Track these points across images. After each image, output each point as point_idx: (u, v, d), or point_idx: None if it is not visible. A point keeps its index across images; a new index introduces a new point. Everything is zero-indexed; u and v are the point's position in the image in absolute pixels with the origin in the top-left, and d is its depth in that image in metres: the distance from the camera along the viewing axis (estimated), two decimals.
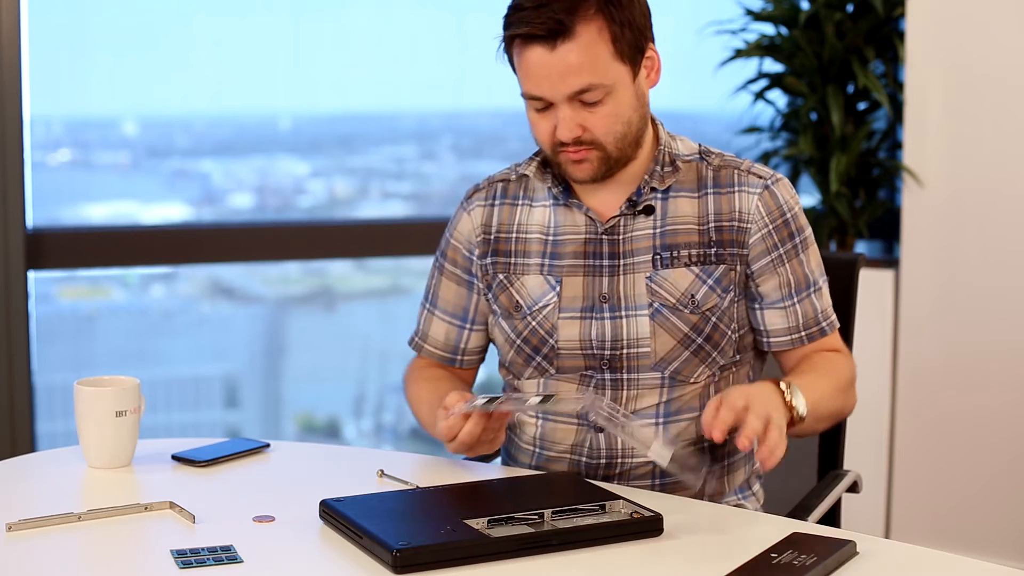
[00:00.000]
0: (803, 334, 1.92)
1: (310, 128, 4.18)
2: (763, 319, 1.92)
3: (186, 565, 1.46)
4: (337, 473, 1.85)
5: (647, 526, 1.57)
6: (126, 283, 4.15)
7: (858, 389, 1.97)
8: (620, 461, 1.91)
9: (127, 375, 1.90)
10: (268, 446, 1.98)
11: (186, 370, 4.18)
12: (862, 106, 3.66)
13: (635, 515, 1.60)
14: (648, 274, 1.89)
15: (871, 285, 2.90)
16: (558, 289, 1.92)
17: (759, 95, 3.72)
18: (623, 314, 1.89)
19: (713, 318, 1.89)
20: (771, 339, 1.93)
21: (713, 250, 1.89)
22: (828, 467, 2.19)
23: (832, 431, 2.18)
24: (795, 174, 3.67)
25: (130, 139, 4.06)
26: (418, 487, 1.72)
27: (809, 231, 1.94)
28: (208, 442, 1.97)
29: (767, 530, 1.59)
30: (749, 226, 1.90)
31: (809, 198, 3.70)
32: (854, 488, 2.10)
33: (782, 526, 1.63)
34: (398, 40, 4.00)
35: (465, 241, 2.01)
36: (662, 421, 1.90)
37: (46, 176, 3.71)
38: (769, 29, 3.71)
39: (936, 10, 3.40)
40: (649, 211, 1.90)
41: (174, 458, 1.90)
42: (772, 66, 3.75)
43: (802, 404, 1.75)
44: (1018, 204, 3.36)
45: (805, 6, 3.62)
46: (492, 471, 1.91)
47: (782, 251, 1.90)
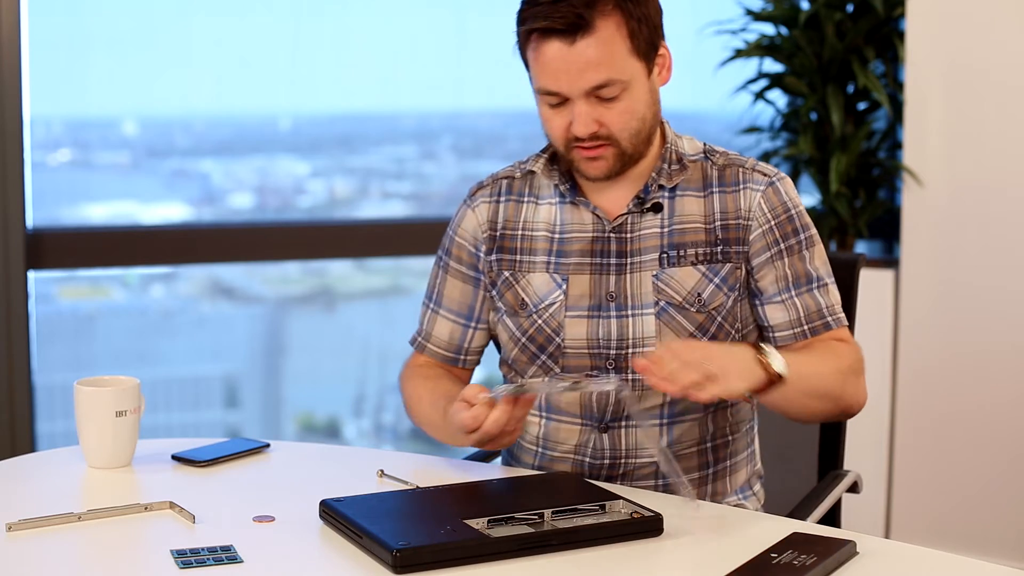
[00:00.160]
0: (806, 327, 1.89)
1: (310, 128, 4.17)
2: (765, 315, 1.91)
3: (186, 565, 1.46)
4: (337, 473, 1.85)
5: (647, 526, 1.57)
6: (126, 283, 4.15)
7: None
8: (623, 461, 1.91)
9: (127, 375, 1.90)
10: (268, 446, 1.98)
11: (186, 370, 4.18)
12: (862, 106, 3.66)
13: (635, 515, 1.60)
14: (655, 272, 1.89)
15: (871, 285, 2.90)
16: (564, 287, 1.91)
17: (759, 95, 3.72)
18: (629, 313, 1.89)
19: (719, 317, 1.89)
20: (776, 334, 1.91)
21: (719, 248, 1.89)
22: (828, 467, 2.19)
23: (832, 431, 2.18)
24: (795, 174, 3.66)
25: (130, 139, 4.06)
26: (418, 487, 1.72)
27: (814, 231, 1.93)
28: (208, 442, 1.97)
29: (767, 530, 1.59)
30: (750, 223, 1.89)
31: (809, 198, 3.69)
32: (854, 488, 2.10)
33: (782, 526, 1.63)
34: (398, 40, 3.99)
35: (471, 237, 2.00)
36: (666, 422, 1.90)
37: (46, 176, 3.71)
38: (769, 29, 3.71)
39: (936, 10, 3.40)
40: (657, 208, 1.90)
41: (174, 458, 1.90)
42: (772, 66, 3.75)
43: (779, 363, 1.70)
44: (1018, 204, 3.36)
45: (805, 6, 3.62)
46: (492, 471, 1.91)
47: (783, 246, 1.89)
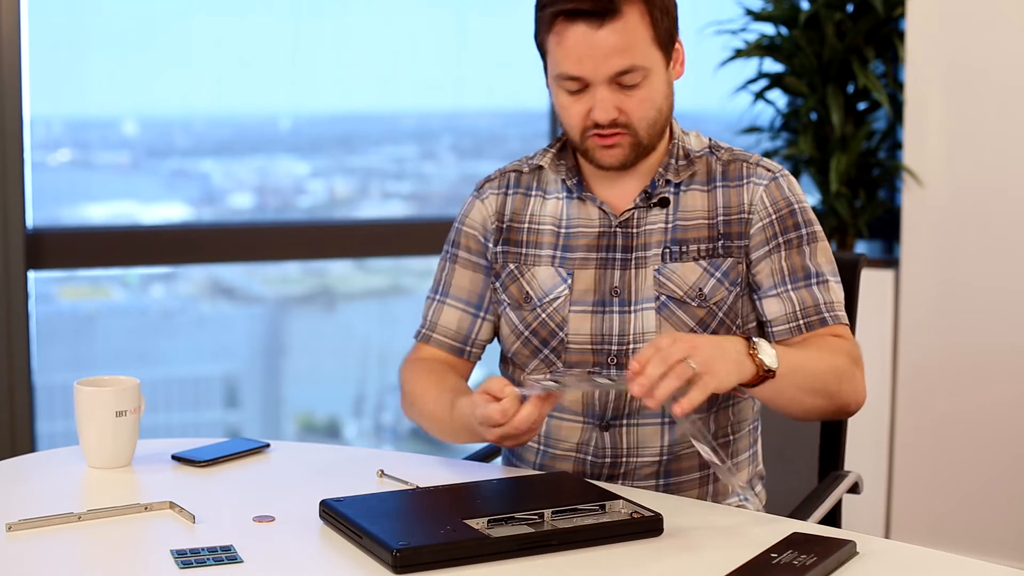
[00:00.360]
0: (801, 322, 1.87)
1: (310, 128, 4.18)
2: (763, 308, 1.90)
3: (186, 565, 1.46)
4: (337, 473, 1.85)
5: (647, 526, 1.57)
6: (126, 283, 4.15)
7: None
8: (625, 460, 1.91)
9: (127, 375, 1.90)
10: (268, 446, 1.98)
11: (186, 370, 4.18)
12: (862, 106, 3.66)
13: (635, 515, 1.60)
14: (657, 267, 1.88)
15: (871, 285, 2.90)
16: (569, 282, 1.91)
17: (759, 95, 3.72)
18: (631, 308, 1.89)
19: (720, 313, 1.88)
20: (772, 328, 1.90)
21: (720, 243, 1.89)
22: (829, 468, 2.19)
23: (833, 432, 2.18)
24: (795, 174, 3.64)
25: (130, 139, 4.06)
26: (418, 487, 1.72)
27: (818, 229, 1.92)
28: (208, 442, 1.97)
29: (767, 530, 1.59)
30: (752, 216, 1.89)
31: (809, 198, 3.63)
32: (855, 489, 2.10)
33: (782, 526, 1.63)
34: (398, 40, 3.99)
35: (480, 227, 1.99)
36: (667, 420, 1.89)
37: (46, 176, 3.71)
38: (769, 29, 3.71)
39: (936, 10, 3.40)
40: (664, 203, 1.90)
41: (174, 458, 1.90)
42: (772, 66, 3.75)
43: (769, 356, 1.67)
44: (1018, 204, 3.36)
45: (805, 6, 3.62)
46: (492, 471, 1.91)
47: (781, 240, 1.89)
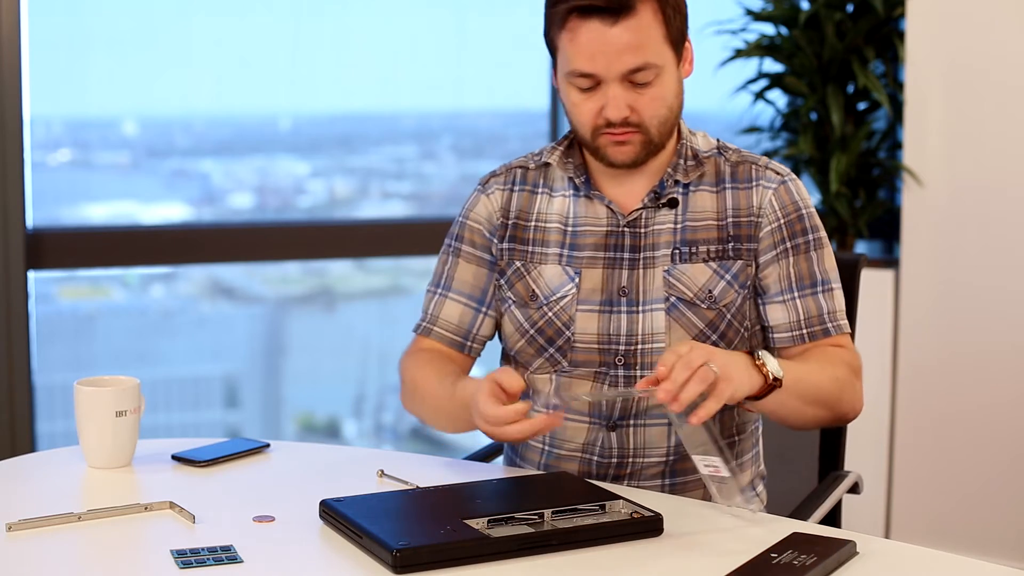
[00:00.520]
0: (805, 331, 1.88)
1: (310, 128, 4.18)
2: (766, 314, 1.90)
3: (186, 565, 1.46)
4: (337, 473, 1.85)
5: (647, 526, 1.57)
6: (126, 283, 4.15)
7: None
8: (631, 461, 1.90)
9: (127, 375, 1.90)
10: (268, 446, 1.98)
11: (186, 370, 4.18)
12: (862, 106, 3.66)
13: (635, 515, 1.60)
14: (666, 268, 1.88)
15: (871, 285, 2.90)
16: (577, 280, 1.90)
17: (759, 95, 3.72)
18: (640, 309, 1.88)
19: (728, 315, 1.88)
20: (774, 335, 1.90)
21: (731, 245, 1.88)
22: (829, 468, 2.19)
23: (833, 432, 2.18)
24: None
25: (130, 139, 4.06)
26: (418, 487, 1.72)
27: (823, 234, 1.92)
28: (208, 442, 1.97)
29: (767, 530, 1.59)
30: (761, 220, 1.89)
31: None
32: (855, 489, 2.10)
33: (782, 526, 1.63)
34: (398, 40, 3.99)
35: (485, 222, 1.98)
36: (676, 421, 1.88)
37: (46, 176, 3.71)
38: (769, 29, 3.71)
39: (936, 10, 3.40)
40: (673, 203, 1.89)
41: (174, 458, 1.90)
42: (772, 66, 3.75)
43: (774, 366, 1.69)
44: (1018, 204, 3.35)
45: (805, 6, 3.62)
46: (492, 471, 1.91)
47: (789, 245, 1.89)
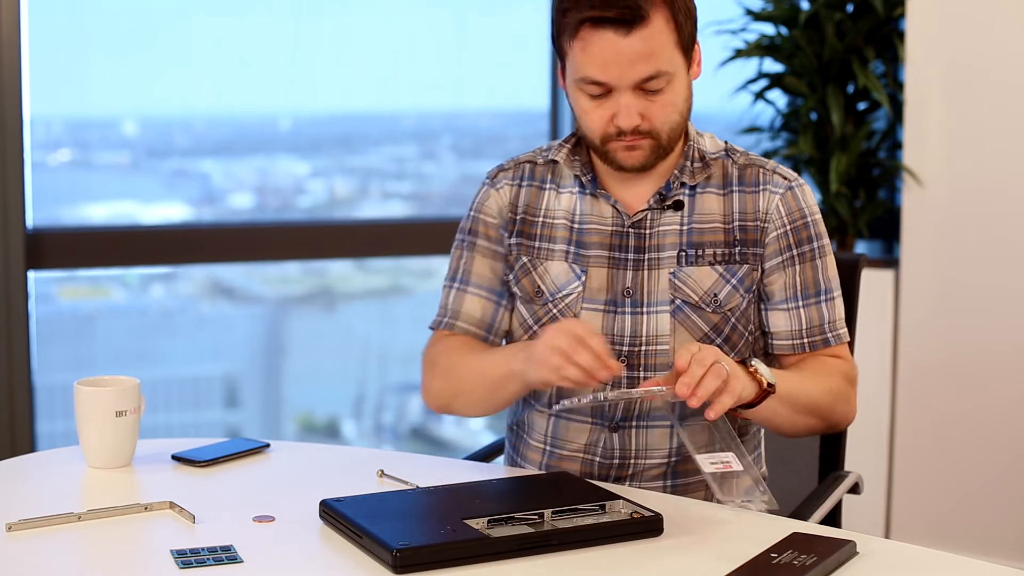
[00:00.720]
0: (805, 341, 1.88)
1: (310, 128, 4.18)
2: (768, 320, 1.90)
3: (186, 565, 1.46)
4: (337, 473, 1.85)
5: (647, 526, 1.57)
6: (126, 283, 4.15)
7: (858, 389, 1.93)
8: (633, 462, 1.90)
9: (127, 375, 1.90)
10: (268, 446, 1.98)
11: (186, 370, 4.18)
12: (862, 106, 3.66)
13: (635, 515, 1.60)
14: (672, 270, 1.87)
15: (871, 285, 2.90)
16: (583, 278, 1.90)
17: (759, 95, 3.72)
18: (644, 310, 1.87)
19: (733, 319, 1.88)
20: (774, 341, 1.90)
21: (737, 249, 1.88)
22: (829, 468, 2.19)
23: (833, 433, 2.18)
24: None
25: (130, 139, 4.06)
26: (418, 487, 1.72)
27: (827, 242, 1.92)
28: (208, 442, 1.97)
29: (767, 530, 1.59)
30: (767, 225, 1.89)
31: None
32: (855, 489, 2.10)
33: (782, 526, 1.63)
34: (398, 40, 3.99)
35: (497, 216, 1.96)
36: (676, 423, 1.89)
37: (46, 176, 3.71)
38: (769, 29, 3.71)
39: (936, 10, 3.40)
40: (678, 206, 1.89)
41: (174, 458, 1.90)
42: (772, 66, 3.75)
43: (767, 373, 1.71)
44: (1018, 204, 3.35)
45: (805, 6, 3.62)
46: (492, 471, 1.91)
47: (795, 252, 1.88)
